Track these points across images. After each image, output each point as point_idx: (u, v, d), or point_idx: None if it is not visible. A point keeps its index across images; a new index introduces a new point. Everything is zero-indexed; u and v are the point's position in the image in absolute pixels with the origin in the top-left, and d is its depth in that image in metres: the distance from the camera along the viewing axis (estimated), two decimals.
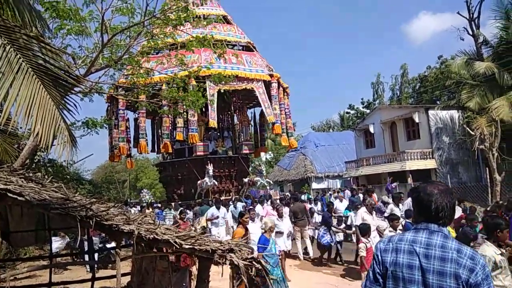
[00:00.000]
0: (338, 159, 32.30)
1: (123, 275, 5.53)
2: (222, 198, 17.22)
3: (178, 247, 3.69)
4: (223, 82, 16.66)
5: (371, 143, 27.52)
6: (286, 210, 10.89)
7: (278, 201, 14.36)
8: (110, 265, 8.84)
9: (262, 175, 19.14)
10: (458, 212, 8.62)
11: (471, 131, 18.49)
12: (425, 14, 73.60)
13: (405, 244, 1.99)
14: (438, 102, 27.33)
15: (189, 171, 19.57)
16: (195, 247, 3.95)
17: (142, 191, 31.35)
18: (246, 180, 19.70)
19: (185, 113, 16.56)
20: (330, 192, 20.88)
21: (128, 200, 27.82)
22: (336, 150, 33.79)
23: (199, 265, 4.54)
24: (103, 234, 7.78)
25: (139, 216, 3.70)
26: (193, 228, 12.54)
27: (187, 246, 3.78)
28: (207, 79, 16.62)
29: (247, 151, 21.68)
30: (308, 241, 10.85)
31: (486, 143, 18.03)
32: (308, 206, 13.03)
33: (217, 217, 11.41)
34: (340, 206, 13.32)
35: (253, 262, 5.17)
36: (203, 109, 19.39)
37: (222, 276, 7.67)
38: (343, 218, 11.51)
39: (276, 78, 20.42)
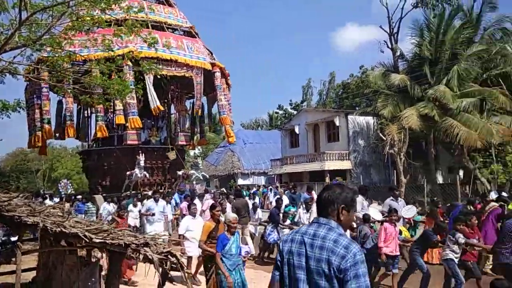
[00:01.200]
0: (264, 157, 33.17)
1: (30, 270, 5.23)
2: (150, 191, 16.29)
3: (88, 241, 3.60)
4: (160, 66, 15.48)
5: (296, 143, 28.74)
6: (228, 206, 10.45)
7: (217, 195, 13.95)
8: (14, 259, 8.18)
9: (198, 168, 18.65)
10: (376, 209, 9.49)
11: (383, 137, 20.19)
12: (352, 25, 78.58)
13: (299, 236, 2.24)
14: (357, 108, 29.39)
15: (117, 161, 18.16)
16: (107, 241, 3.88)
17: (61, 181, 29.15)
18: (180, 173, 18.85)
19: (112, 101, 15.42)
20: (254, 189, 21.32)
21: (41, 191, 25.77)
22: (263, 148, 34.66)
23: (110, 260, 4.46)
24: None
25: (46, 208, 3.54)
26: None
27: (97, 240, 3.71)
28: (143, 61, 15.86)
29: (184, 142, 20.46)
30: (249, 239, 10.04)
31: (396, 148, 19.83)
32: (250, 202, 12.32)
33: (153, 213, 10.24)
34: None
35: (169, 256, 5.21)
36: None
37: (136, 270, 7.48)
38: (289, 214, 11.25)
39: (218, 67, 19.36)
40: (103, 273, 4.81)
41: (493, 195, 10.80)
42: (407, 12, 25.62)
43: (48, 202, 14.98)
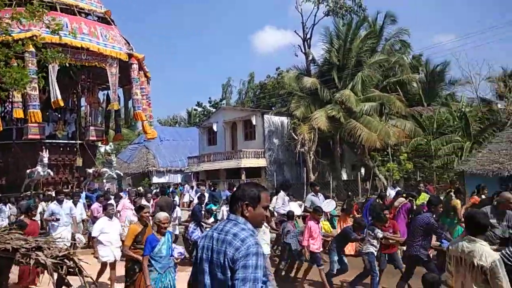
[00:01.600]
0: (182, 154, 32.71)
1: None
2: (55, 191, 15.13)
3: None
4: (67, 55, 13.77)
5: (214, 140, 28.89)
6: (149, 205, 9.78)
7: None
8: None
9: (111, 166, 17.12)
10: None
11: (295, 136, 21.31)
12: (270, 28, 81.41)
13: (211, 231, 2.37)
14: (273, 108, 30.50)
15: (16, 158, 16.42)
16: None
17: None
18: (90, 170, 17.36)
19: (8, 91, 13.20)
20: (172, 188, 20.77)
21: None
22: (180, 145, 34.14)
23: None
24: None
25: None
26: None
27: None
28: (49, 47, 14.07)
29: (95, 138, 18.68)
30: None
31: (306, 147, 21.07)
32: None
33: (57, 219, 8.76)
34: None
35: (65, 260, 4.96)
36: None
37: (40, 283, 6.89)
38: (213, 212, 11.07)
39: (136, 59, 17.92)
40: None
41: (389, 191, 12.00)
42: (319, 19, 27.21)
43: None
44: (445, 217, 8.35)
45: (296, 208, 9.30)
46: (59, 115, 18.29)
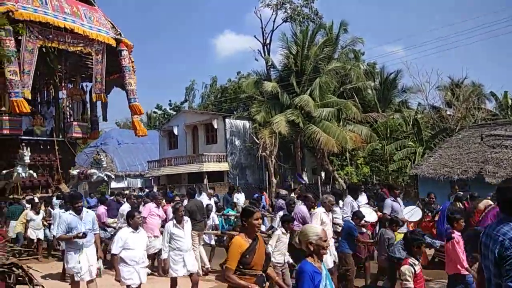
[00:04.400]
0: (141, 158, 31.97)
1: None
2: (37, 195, 13.30)
3: None
4: (50, 36, 12.30)
5: (175, 144, 28.50)
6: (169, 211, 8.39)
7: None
8: None
9: (100, 167, 15.14)
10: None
11: (257, 140, 21.50)
12: (229, 33, 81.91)
13: (488, 229, 2.63)
14: (235, 112, 30.62)
15: None
16: None
17: None
18: (75, 172, 15.33)
19: None
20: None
21: None
22: (140, 149, 33.35)
23: None
24: None
25: None
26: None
27: None
28: (27, 26, 12.04)
29: (79, 135, 16.25)
30: (202, 251, 8.13)
31: (268, 151, 21.32)
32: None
33: (83, 234, 5.59)
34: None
35: (13, 268, 4.75)
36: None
37: None
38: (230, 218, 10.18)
39: (125, 45, 15.61)
40: None
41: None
42: (278, 25, 27.72)
43: None
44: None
45: (370, 214, 7.65)
46: (33, 108, 15.49)
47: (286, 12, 27.45)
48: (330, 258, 5.93)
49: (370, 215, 7.67)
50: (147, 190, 18.28)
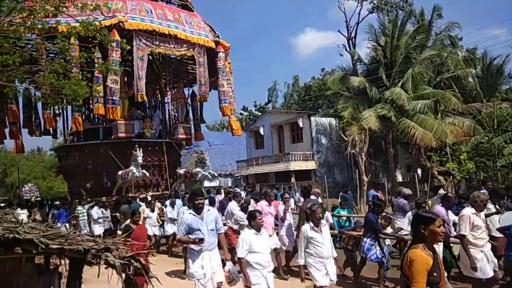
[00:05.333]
0: (230, 158, 33.14)
1: None
2: (149, 194, 14.08)
3: (44, 247, 3.50)
4: (156, 42, 13.37)
5: (261, 144, 28.98)
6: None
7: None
8: None
9: (204, 166, 15.25)
10: None
11: (345, 137, 20.78)
12: (310, 31, 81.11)
13: None
14: (320, 110, 30.10)
15: (104, 159, 14.91)
16: (64, 247, 3.79)
17: (25, 185, 27.33)
18: (181, 171, 15.96)
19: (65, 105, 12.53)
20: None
21: None
22: (228, 150, 34.63)
23: (70, 266, 4.35)
24: None
25: None
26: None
27: (54, 246, 3.61)
28: (136, 34, 13.10)
29: (183, 136, 17.06)
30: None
31: (357, 148, 20.46)
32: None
33: (200, 239, 5.10)
34: None
35: (132, 261, 5.12)
36: (125, 78, 14.86)
37: (98, 277, 7.28)
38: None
39: (223, 47, 16.14)
40: (63, 280, 4.68)
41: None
42: (363, 17, 26.58)
43: (18, 211, 13.39)
44: None
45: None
46: (142, 113, 17.05)
47: (372, 3, 26.19)
48: (488, 265, 5.15)
49: None
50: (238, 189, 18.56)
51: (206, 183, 30.32)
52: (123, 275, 4.84)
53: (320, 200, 9.62)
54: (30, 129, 17.10)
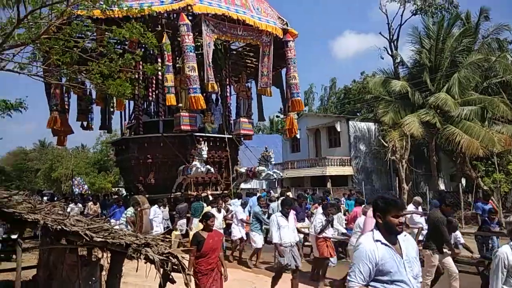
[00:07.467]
0: None
1: (30, 268, 5.20)
2: (208, 192, 13.34)
3: (89, 239, 3.58)
4: (224, 29, 12.40)
5: (297, 147, 28.75)
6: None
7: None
8: (14, 257, 8.11)
9: (269, 164, 14.22)
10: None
11: (385, 143, 20.16)
12: (350, 33, 79.77)
13: None
14: (358, 114, 29.44)
15: (165, 153, 13.90)
16: (108, 240, 3.87)
17: (75, 179, 28.38)
18: (243, 169, 14.83)
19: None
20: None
21: (43, 190, 25.59)
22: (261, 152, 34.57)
23: (111, 259, 4.44)
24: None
25: (47, 205, 3.53)
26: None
27: (98, 239, 3.69)
28: (204, 19, 12.12)
29: (247, 131, 15.75)
30: None
31: (397, 154, 19.77)
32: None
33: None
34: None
35: (170, 257, 5.18)
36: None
37: (137, 271, 7.43)
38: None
39: (292, 35, 14.79)
40: (103, 273, 4.79)
41: None
42: (406, 19, 25.77)
43: (72, 206, 13.37)
44: None
45: None
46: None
47: (415, 4, 25.35)
48: None
49: None
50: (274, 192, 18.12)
51: (242, 185, 30.46)
52: (161, 270, 4.92)
53: (420, 209, 9.28)
54: (87, 123, 16.98)
